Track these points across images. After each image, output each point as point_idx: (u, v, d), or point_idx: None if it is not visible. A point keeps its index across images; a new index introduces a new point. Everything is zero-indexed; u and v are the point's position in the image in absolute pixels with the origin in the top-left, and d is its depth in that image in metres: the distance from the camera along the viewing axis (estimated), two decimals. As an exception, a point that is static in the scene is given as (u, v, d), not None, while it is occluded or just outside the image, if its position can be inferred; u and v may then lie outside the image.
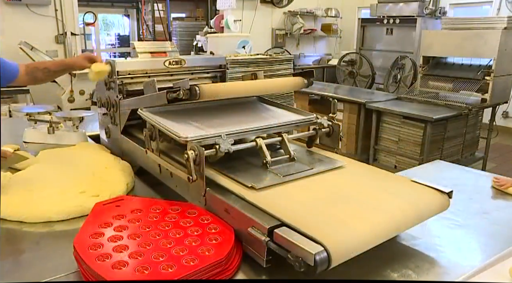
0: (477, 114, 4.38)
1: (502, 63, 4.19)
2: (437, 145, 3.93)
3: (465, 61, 4.56)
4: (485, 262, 1.03)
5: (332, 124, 1.58)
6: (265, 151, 1.39)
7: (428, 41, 4.72)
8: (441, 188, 1.29)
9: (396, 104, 4.29)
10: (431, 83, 4.66)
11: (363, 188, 1.29)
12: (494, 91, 4.18)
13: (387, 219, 1.12)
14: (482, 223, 1.55)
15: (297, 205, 1.16)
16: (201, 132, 1.37)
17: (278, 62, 3.19)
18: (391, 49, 6.57)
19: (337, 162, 1.47)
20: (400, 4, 6.55)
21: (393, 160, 4.10)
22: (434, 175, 2.08)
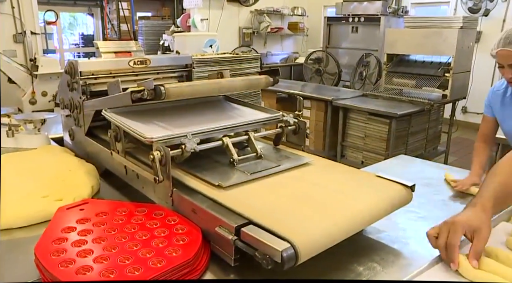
0: (438, 110, 4.53)
1: (460, 61, 4.35)
2: (402, 140, 4.03)
3: (426, 58, 4.72)
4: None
5: (298, 121, 1.59)
6: (232, 149, 1.39)
7: (391, 39, 4.84)
8: (404, 182, 1.33)
9: (362, 101, 4.37)
10: (395, 80, 4.78)
11: (329, 184, 1.31)
12: (454, 88, 4.33)
13: (353, 214, 1.14)
14: (443, 213, 1.59)
15: (264, 202, 1.16)
16: (166, 132, 1.36)
17: (245, 61, 3.19)
18: (356, 47, 6.70)
19: (303, 158, 1.48)
20: (365, 3, 6.69)
21: (360, 155, 4.18)
22: (399, 169, 2.14)
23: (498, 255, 1.04)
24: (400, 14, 6.57)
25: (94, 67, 1.77)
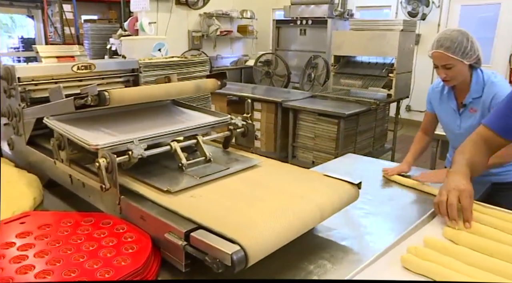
0: (384, 109, 4.70)
1: (402, 62, 4.55)
2: (351, 139, 4.15)
3: (371, 59, 4.89)
4: (389, 245, 1.11)
5: (247, 124, 1.60)
6: (180, 153, 1.38)
7: (338, 41, 4.98)
8: (351, 180, 1.37)
9: (311, 102, 4.46)
10: (342, 81, 4.92)
11: (278, 185, 1.33)
12: (398, 87, 4.52)
13: (302, 213, 1.16)
14: (389, 209, 1.67)
15: (214, 206, 1.16)
16: (112, 139, 1.32)
17: (194, 64, 3.17)
18: (305, 49, 6.83)
19: (252, 160, 1.50)
20: (312, 6, 6.83)
21: (310, 155, 4.26)
22: (347, 168, 2.20)
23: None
24: (346, 17, 6.77)
25: (34, 73, 1.69)
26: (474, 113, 1.95)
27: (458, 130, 2.03)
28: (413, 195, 1.80)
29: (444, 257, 1.06)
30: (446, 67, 1.86)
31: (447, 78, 1.89)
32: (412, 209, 1.71)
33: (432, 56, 1.89)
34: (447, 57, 1.84)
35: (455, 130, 2.04)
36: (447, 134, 2.17)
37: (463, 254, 1.08)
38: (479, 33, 6.35)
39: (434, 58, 1.89)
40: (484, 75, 1.92)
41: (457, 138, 2.08)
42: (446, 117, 2.06)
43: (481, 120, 1.88)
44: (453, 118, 2.03)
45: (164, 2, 7.13)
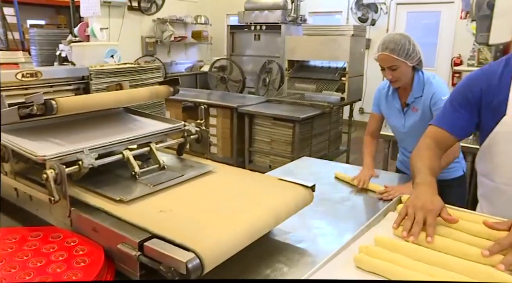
0: (338, 112, 4.81)
1: (354, 66, 4.68)
2: (306, 142, 4.22)
3: (324, 64, 5.00)
4: (342, 245, 1.14)
5: (201, 130, 1.60)
6: (133, 162, 1.36)
7: (291, 46, 5.05)
8: (305, 183, 1.39)
9: (266, 106, 4.50)
10: (297, 85, 4.99)
11: (233, 190, 1.34)
12: (350, 90, 4.65)
13: (257, 218, 1.17)
14: (343, 210, 1.72)
15: (168, 214, 1.15)
16: (61, 149, 1.28)
17: (147, 71, 3.13)
18: (259, 54, 6.87)
19: (207, 166, 1.49)
20: (265, 12, 6.90)
21: (267, 160, 4.29)
22: (302, 171, 2.23)
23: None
24: (299, 22, 6.88)
25: (-27, 82, 1.61)
26: (416, 112, 2.04)
27: (403, 129, 2.11)
28: (366, 196, 1.85)
29: (394, 254, 1.09)
30: (392, 69, 1.94)
31: (393, 79, 1.98)
32: (365, 209, 1.76)
33: (378, 59, 1.97)
34: (393, 58, 1.92)
35: (401, 129, 2.13)
36: (395, 134, 2.26)
37: (412, 250, 1.12)
38: (424, 39, 6.67)
39: (380, 60, 1.96)
40: (425, 77, 2.02)
41: (403, 137, 2.18)
42: (392, 117, 2.15)
43: (422, 119, 1.98)
44: (399, 117, 2.12)
45: (116, 7, 6.99)
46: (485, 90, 1.36)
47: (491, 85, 1.36)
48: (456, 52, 6.80)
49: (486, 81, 1.37)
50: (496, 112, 1.35)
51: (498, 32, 2.73)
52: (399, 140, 2.27)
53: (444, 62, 7.04)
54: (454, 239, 1.17)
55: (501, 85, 1.34)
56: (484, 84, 1.37)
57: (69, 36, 6.00)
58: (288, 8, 6.87)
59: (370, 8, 7.53)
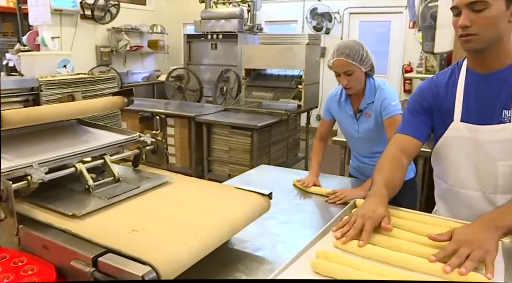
0: (295, 119, 4.88)
1: (309, 74, 4.78)
2: (265, 150, 4.25)
3: (281, 72, 5.07)
4: (299, 251, 1.15)
5: (157, 141, 1.58)
6: (86, 175, 1.32)
7: (248, 54, 5.09)
8: (261, 191, 1.40)
9: (224, 115, 4.50)
10: (254, 94, 5.03)
11: (189, 201, 1.33)
12: (307, 98, 4.73)
13: (214, 228, 1.17)
14: (301, 216, 1.74)
15: (124, 227, 1.13)
16: (8, 164, 1.23)
17: (101, 81, 3.05)
18: (217, 63, 6.88)
19: (163, 177, 1.47)
20: (222, 21, 6.93)
21: (226, 169, 4.29)
22: (260, 179, 2.25)
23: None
24: (255, 31, 6.95)
25: None
26: (369, 117, 2.10)
27: (356, 135, 2.17)
28: (322, 202, 1.88)
29: (351, 257, 1.12)
30: (347, 74, 1.99)
31: (349, 85, 2.02)
32: (323, 215, 1.79)
33: (334, 65, 2.01)
34: (348, 63, 1.97)
35: (354, 135, 2.18)
36: (348, 140, 2.32)
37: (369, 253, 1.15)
38: (376, 47, 6.91)
39: (336, 66, 2.01)
40: (376, 83, 2.10)
41: (356, 143, 2.24)
42: (345, 123, 2.20)
43: (375, 124, 2.06)
44: (352, 123, 2.17)
45: (68, 16, 6.80)
46: (435, 97, 1.45)
47: (439, 92, 1.44)
48: (407, 60, 7.08)
49: (435, 89, 1.46)
50: (445, 118, 1.42)
51: (442, 41, 2.88)
52: (352, 146, 2.33)
53: (396, 69, 7.32)
54: (406, 239, 1.21)
55: (447, 94, 1.42)
56: (434, 92, 1.45)
57: (17, 45, 5.78)
58: (244, 17, 6.93)
59: (324, 18, 7.73)
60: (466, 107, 1.37)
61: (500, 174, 1.34)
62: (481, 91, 1.34)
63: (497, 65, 1.31)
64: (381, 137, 2.05)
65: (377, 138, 2.09)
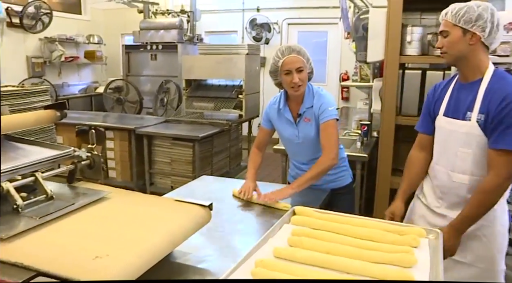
0: (237, 129, 4.91)
1: (250, 83, 4.84)
2: (207, 160, 4.23)
3: (221, 82, 5.09)
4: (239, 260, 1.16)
5: (92, 155, 1.53)
6: (14, 194, 1.25)
7: (188, 65, 5.07)
8: (201, 202, 1.40)
9: (165, 127, 4.43)
10: (195, 104, 5.01)
11: (127, 216, 1.30)
12: (247, 107, 4.78)
13: (153, 243, 1.15)
14: (242, 225, 1.75)
15: (56, 247, 1.08)
16: None
17: (32, 94, 2.91)
18: (157, 74, 6.78)
19: (100, 193, 1.43)
20: (161, 31, 6.86)
21: (169, 181, 4.22)
22: (201, 190, 2.24)
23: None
24: (195, 41, 6.94)
25: None
26: (309, 122, 2.14)
27: (297, 141, 2.20)
28: (263, 210, 1.91)
29: (290, 264, 1.15)
30: (299, 70, 2.03)
31: (299, 82, 2.04)
32: (263, 223, 1.81)
33: (285, 62, 2.02)
34: (300, 60, 2.02)
35: (294, 141, 2.21)
36: (288, 148, 2.35)
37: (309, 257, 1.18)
38: (315, 56, 7.07)
39: (288, 63, 2.02)
40: (314, 88, 2.16)
41: (296, 149, 2.27)
42: (285, 130, 2.23)
43: (315, 129, 2.11)
44: (292, 129, 2.19)
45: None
46: (435, 98, 1.84)
47: (436, 94, 1.84)
48: (344, 68, 7.36)
49: (435, 92, 1.85)
50: (436, 113, 1.81)
51: (373, 51, 3.02)
52: (292, 154, 2.37)
53: (334, 77, 7.59)
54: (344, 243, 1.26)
55: (440, 95, 1.81)
56: (435, 94, 1.85)
57: None
58: (184, 28, 6.91)
59: (263, 28, 7.87)
60: (447, 106, 1.75)
61: (459, 157, 1.70)
62: (459, 95, 1.72)
63: (470, 77, 1.68)
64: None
65: (317, 144, 2.14)
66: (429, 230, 1.38)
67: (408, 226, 1.41)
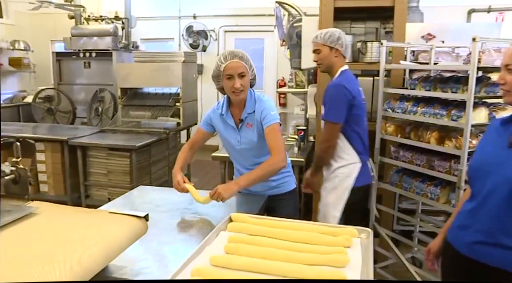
0: (175, 137, 4.86)
1: (187, 91, 4.82)
2: (145, 170, 4.14)
3: (158, 90, 5.03)
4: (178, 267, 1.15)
5: (17, 169, 1.45)
6: None
7: (123, 73, 4.96)
8: (137, 213, 1.37)
9: (100, 137, 4.29)
10: (132, 113, 4.90)
11: (58, 232, 1.24)
12: (185, 115, 4.76)
13: (85, 259, 1.11)
14: (180, 234, 1.74)
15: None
16: None
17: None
18: (91, 82, 6.54)
19: (27, 209, 1.36)
20: (95, 38, 6.63)
21: (105, 192, 4.07)
22: (138, 201, 2.20)
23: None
24: (131, 49, 6.78)
25: None
26: (251, 127, 2.14)
27: (239, 146, 2.20)
28: (201, 218, 1.91)
29: (225, 271, 1.16)
30: (241, 75, 2.04)
31: (241, 88, 2.05)
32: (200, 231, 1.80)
33: (227, 67, 2.03)
34: (242, 65, 2.04)
35: (236, 146, 2.21)
36: (231, 153, 2.34)
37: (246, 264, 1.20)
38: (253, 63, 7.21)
39: (230, 68, 2.03)
40: (255, 94, 2.18)
41: (239, 155, 2.27)
42: (228, 135, 2.23)
43: (257, 134, 2.13)
44: (234, 134, 2.19)
45: None
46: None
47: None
48: (280, 75, 7.51)
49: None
50: None
51: (307, 58, 3.12)
52: (235, 159, 2.35)
53: (271, 84, 7.73)
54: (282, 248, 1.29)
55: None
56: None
57: None
58: (119, 35, 6.73)
59: (200, 35, 7.86)
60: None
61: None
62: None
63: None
64: (263, 148, 2.12)
65: (259, 149, 2.16)
66: (360, 230, 1.44)
67: (341, 227, 1.46)
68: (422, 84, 2.59)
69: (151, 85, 4.98)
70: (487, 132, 1.65)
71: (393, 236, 3.05)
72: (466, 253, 1.47)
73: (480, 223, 1.43)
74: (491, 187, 1.40)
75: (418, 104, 2.59)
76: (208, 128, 2.29)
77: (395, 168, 2.86)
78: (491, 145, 1.52)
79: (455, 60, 3.14)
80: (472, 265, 1.45)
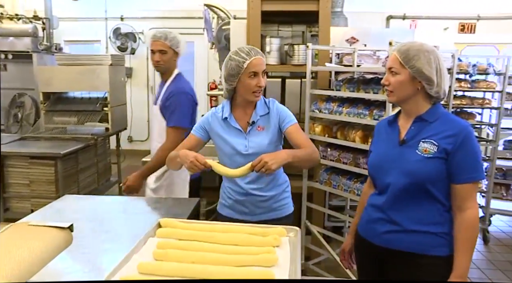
0: (104, 143, 4.68)
1: (115, 95, 4.68)
2: (73, 178, 3.95)
3: (84, 94, 4.83)
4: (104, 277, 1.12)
5: None
6: None
7: (45, 77, 4.71)
8: (60, 224, 1.30)
9: (21, 145, 4.02)
10: (56, 119, 4.66)
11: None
12: (114, 120, 4.61)
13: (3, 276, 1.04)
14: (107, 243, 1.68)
15: None
16: None
17: None
18: (8, 86, 6.08)
19: None
20: (11, 38, 6.20)
21: (28, 204, 3.81)
22: (65, 211, 2.10)
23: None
24: (53, 51, 6.42)
25: None
26: (262, 131, 1.96)
27: (246, 151, 1.95)
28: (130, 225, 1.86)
29: (156, 278, 1.14)
30: (264, 73, 1.91)
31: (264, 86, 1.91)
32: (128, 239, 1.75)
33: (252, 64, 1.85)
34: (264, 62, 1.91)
35: (242, 151, 1.95)
36: (229, 162, 1.98)
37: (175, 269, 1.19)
38: (183, 66, 7.09)
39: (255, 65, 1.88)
40: (263, 97, 2.03)
41: (243, 162, 1.83)
42: (231, 140, 1.97)
43: (269, 138, 1.94)
44: (239, 139, 1.96)
45: None
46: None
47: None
48: (211, 78, 7.50)
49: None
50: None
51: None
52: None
53: (202, 87, 7.69)
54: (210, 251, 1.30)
55: None
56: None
57: None
58: (39, 36, 6.35)
59: (128, 38, 7.65)
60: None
61: None
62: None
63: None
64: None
65: None
66: (289, 229, 1.48)
67: (271, 227, 1.49)
68: (347, 85, 2.72)
69: (76, 90, 4.77)
70: (376, 132, 1.83)
71: (324, 233, 3.16)
72: (378, 243, 1.65)
73: (386, 214, 1.62)
74: (391, 181, 1.60)
75: (343, 104, 2.71)
76: (202, 135, 2.02)
77: (324, 167, 2.97)
78: (384, 143, 1.71)
79: (376, 63, 3.32)
80: (385, 252, 1.63)
